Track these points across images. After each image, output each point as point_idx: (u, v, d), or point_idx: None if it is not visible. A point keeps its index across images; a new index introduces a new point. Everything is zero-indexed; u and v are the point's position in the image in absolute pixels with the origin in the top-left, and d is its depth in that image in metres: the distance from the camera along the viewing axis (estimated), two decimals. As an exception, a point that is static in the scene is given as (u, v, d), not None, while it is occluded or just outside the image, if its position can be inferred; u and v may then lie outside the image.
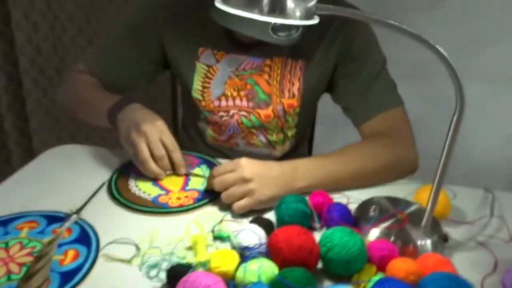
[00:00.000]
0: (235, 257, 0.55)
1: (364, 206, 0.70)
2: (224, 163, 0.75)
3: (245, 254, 0.56)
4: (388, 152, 0.80)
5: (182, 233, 0.64)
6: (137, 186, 0.75)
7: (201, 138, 1.00)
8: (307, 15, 0.53)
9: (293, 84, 0.88)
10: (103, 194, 0.73)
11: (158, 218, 0.68)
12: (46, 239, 0.59)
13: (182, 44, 0.88)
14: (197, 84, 0.89)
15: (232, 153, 0.96)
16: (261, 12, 0.52)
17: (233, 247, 0.59)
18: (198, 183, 0.77)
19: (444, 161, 0.58)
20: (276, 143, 0.96)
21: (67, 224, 0.61)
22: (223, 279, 0.50)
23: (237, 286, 0.51)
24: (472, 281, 0.51)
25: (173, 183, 0.76)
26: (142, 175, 0.75)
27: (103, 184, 0.75)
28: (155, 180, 0.76)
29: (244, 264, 0.53)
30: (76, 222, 0.64)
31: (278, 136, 0.94)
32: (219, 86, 0.89)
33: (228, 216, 0.69)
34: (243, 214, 0.69)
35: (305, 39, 0.77)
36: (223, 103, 0.89)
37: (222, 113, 0.90)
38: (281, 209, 0.65)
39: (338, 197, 0.73)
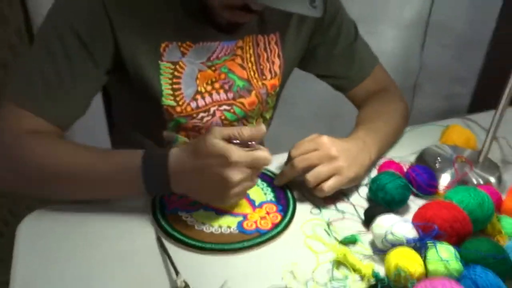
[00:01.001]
0: (411, 251, 0.52)
1: (425, 161, 0.74)
2: (301, 143, 0.66)
3: (411, 245, 0.53)
4: (396, 107, 0.84)
5: (303, 252, 0.57)
6: (204, 223, 0.61)
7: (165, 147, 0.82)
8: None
9: (273, 62, 0.81)
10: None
11: (262, 249, 0.58)
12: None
13: (139, 41, 0.67)
14: (166, 88, 0.71)
15: None
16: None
17: (386, 238, 0.54)
18: (258, 194, 0.67)
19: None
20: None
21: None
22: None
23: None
24: None
25: (238, 206, 0.64)
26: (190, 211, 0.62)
27: (159, 239, 0.58)
28: (218, 211, 0.63)
29: (431, 257, 0.50)
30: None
31: (254, 119, 0.86)
32: (190, 84, 0.73)
33: (318, 214, 0.64)
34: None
35: (274, 11, 0.65)
36: (201, 102, 0.74)
37: (202, 114, 0.76)
38: (389, 188, 0.63)
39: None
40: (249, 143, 0.57)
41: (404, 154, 0.79)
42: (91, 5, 0.63)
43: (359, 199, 0.68)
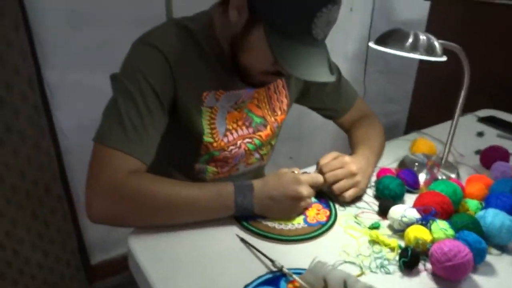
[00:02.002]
0: (421, 227, 0.76)
1: (406, 166, 1.01)
2: (329, 162, 0.88)
3: (419, 223, 0.78)
4: (377, 127, 1.11)
5: (346, 238, 0.79)
6: (280, 223, 0.81)
7: (194, 180, 1.00)
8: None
9: (281, 101, 1.03)
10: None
11: (322, 238, 0.79)
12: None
13: (189, 92, 0.86)
14: (206, 128, 0.90)
15: (229, 180, 1.03)
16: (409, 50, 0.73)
17: (402, 220, 0.79)
18: None
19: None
20: (265, 155, 1.08)
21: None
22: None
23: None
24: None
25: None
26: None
27: (243, 240, 0.77)
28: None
29: (434, 229, 0.76)
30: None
31: (267, 148, 1.08)
32: (222, 123, 0.92)
33: (344, 210, 0.87)
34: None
35: None
36: (230, 137, 0.94)
37: (231, 147, 0.95)
38: (392, 187, 0.88)
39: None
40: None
41: (388, 162, 1.06)
42: (163, 67, 0.82)
43: (368, 198, 0.92)
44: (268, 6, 0.73)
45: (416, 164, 1.00)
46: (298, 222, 0.81)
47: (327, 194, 0.90)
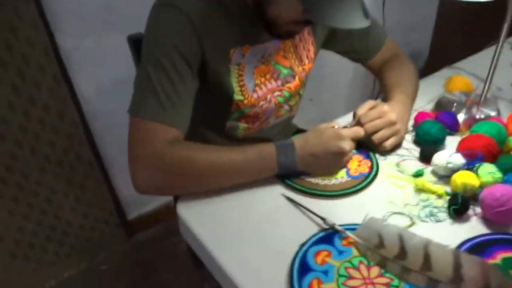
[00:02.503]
0: (468, 172, 0.76)
1: (444, 107, 0.98)
2: (368, 112, 0.86)
3: (464, 168, 0.77)
4: (410, 68, 1.07)
5: (391, 188, 0.79)
6: (323, 179, 0.81)
7: (226, 137, 1.00)
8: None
9: (308, 50, 0.98)
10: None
11: (367, 190, 0.80)
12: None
13: (216, 51, 0.82)
14: (236, 87, 0.88)
15: (259, 134, 1.02)
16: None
17: (448, 167, 0.78)
18: None
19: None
20: (294, 105, 1.06)
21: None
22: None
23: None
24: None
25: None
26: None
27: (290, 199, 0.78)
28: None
29: (481, 173, 0.75)
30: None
31: (296, 99, 1.05)
32: (250, 79, 0.90)
33: (385, 159, 0.87)
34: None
35: None
36: (260, 92, 0.92)
37: (262, 102, 0.93)
38: (433, 132, 0.86)
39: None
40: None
41: (423, 103, 1.03)
42: (186, 28, 0.78)
43: (408, 144, 0.91)
44: None
45: (455, 104, 0.97)
46: (341, 176, 0.81)
47: (366, 145, 0.89)
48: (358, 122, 0.87)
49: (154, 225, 1.83)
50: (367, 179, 0.80)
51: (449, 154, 0.79)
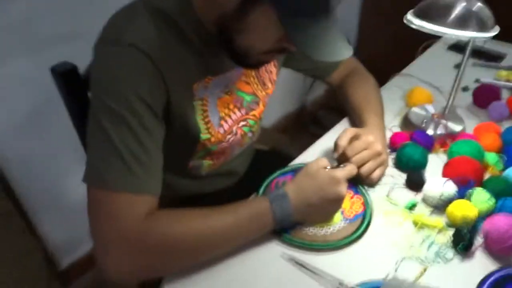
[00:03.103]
0: (465, 201, 0.74)
1: (412, 123, 0.97)
2: (347, 140, 0.81)
3: (457, 197, 0.75)
4: (372, 82, 1.03)
5: (389, 228, 0.75)
6: (321, 227, 0.74)
7: (187, 177, 0.90)
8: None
9: (270, 72, 0.90)
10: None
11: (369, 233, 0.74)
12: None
13: (180, 88, 0.70)
14: (201, 125, 0.77)
15: (224, 167, 0.93)
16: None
17: (441, 198, 0.76)
18: None
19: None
20: (256, 130, 0.97)
21: None
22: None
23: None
24: None
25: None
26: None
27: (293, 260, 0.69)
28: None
29: (475, 200, 0.74)
30: None
31: (258, 123, 0.96)
32: (215, 113, 0.79)
33: (374, 192, 0.82)
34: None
35: None
36: (226, 126, 0.81)
37: (228, 136, 0.83)
38: (416, 158, 0.83)
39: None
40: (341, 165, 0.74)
41: (389, 119, 1.00)
42: (147, 68, 0.64)
43: (390, 169, 0.87)
44: None
45: (424, 120, 0.96)
46: (338, 220, 0.75)
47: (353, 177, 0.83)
48: (343, 155, 0.81)
49: (91, 268, 1.62)
50: (364, 221, 0.74)
51: (440, 183, 0.76)
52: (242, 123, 0.85)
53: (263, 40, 0.66)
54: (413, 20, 0.71)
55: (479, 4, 0.68)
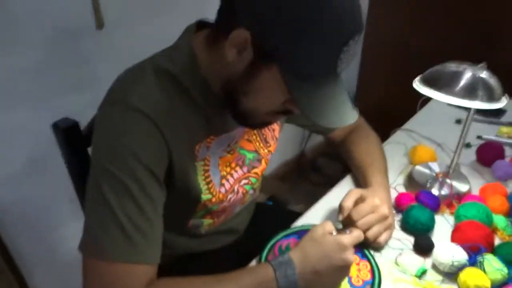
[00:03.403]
0: (477, 270, 0.71)
1: (417, 182, 0.95)
2: (352, 203, 0.79)
3: (468, 264, 0.73)
4: (375, 138, 1.02)
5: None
6: None
7: (186, 236, 0.87)
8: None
9: (273, 130, 0.89)
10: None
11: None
12: None
13: (182, 151, 0.69)
14: (203, 186, 0.75)
15: (224, 225, 0.91)
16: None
17: (453, 265, 0.73)
18: None
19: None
20: (258, 187, 0.95)
21: None
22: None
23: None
24: None
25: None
26: None
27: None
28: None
29: (488, 269, 0.71)
30: None
31: (259, 181, 0.94)
32: (216, 172, 0.77)
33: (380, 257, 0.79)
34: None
35: None
36: (227, 185, 0.79)
37: (230, 196, 0.81)
38: (424, 221, 0.81)
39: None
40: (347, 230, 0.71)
41: (392, 178, 0.99)
42: (151, 134, 0.63)
43: (396, 232, 0.84)
44: (285, 47, 0.57)
45: (429, 180, 0.94)
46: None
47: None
48: (348, 217, 0.78)
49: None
50: None
51: (450, 249, 0.74)
52: (244, 181, 0.83)
53: (269, 102, 0.66)
54: (420, 88, 0.71)
55: (485, 72, 0.68)
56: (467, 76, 0.67)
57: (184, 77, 0.67)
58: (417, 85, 0.72)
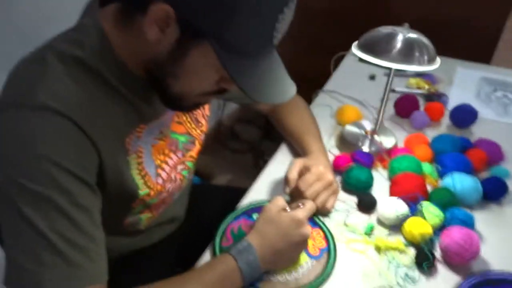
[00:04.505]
0: (418, 218, 0.76)
1: (349, 142, 0.98)
2: (297, 173, 0.80)
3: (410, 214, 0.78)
4: (304, 104, 1.02)
5: (354, 259, 0.74)
6: (289, 271, 0.70)
7: (123, 234, 0.80)
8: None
9: (203, 107, 0.84)
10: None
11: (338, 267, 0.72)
12: None
13: (111, 146, 0.61)
14: (139, 180, 0.68)
15: (163, 215, 0.85)
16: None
17: (397, 218, 0.77)
18: None
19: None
20: (193, 169, 0.89)
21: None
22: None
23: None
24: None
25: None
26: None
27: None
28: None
29: (427, 215, 0.76)
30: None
31: (194, 164, 0.88)
32: (150, 163, 0.70)
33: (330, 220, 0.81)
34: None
35: None
36: (164, 174, 0.73)
37: (168, 185, 0.75)
38: (364, 179, 0.85)
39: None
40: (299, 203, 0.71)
41: (325, 140, 1.00)
42: (75, 136, 0.54)
43: (339, 194, 0.86)
44: (215, 21, 0.52)
45: (360, 139, 0.98)
46: (305, 261, 0.72)
47: None
48: (295, 189, 0.78)
49: None
50: (331, 256, 0.72)
51: (391, 203, 0.78)
52: (180, 167, 0.77)
53: (202, 83, 0.60)
54: (358, 54, 0.71)
55: (416, 35, 0.70)
56: (400, 38, 0.68)
57: (97, 62, 0.57)
58: (355, 52, 0.71)
